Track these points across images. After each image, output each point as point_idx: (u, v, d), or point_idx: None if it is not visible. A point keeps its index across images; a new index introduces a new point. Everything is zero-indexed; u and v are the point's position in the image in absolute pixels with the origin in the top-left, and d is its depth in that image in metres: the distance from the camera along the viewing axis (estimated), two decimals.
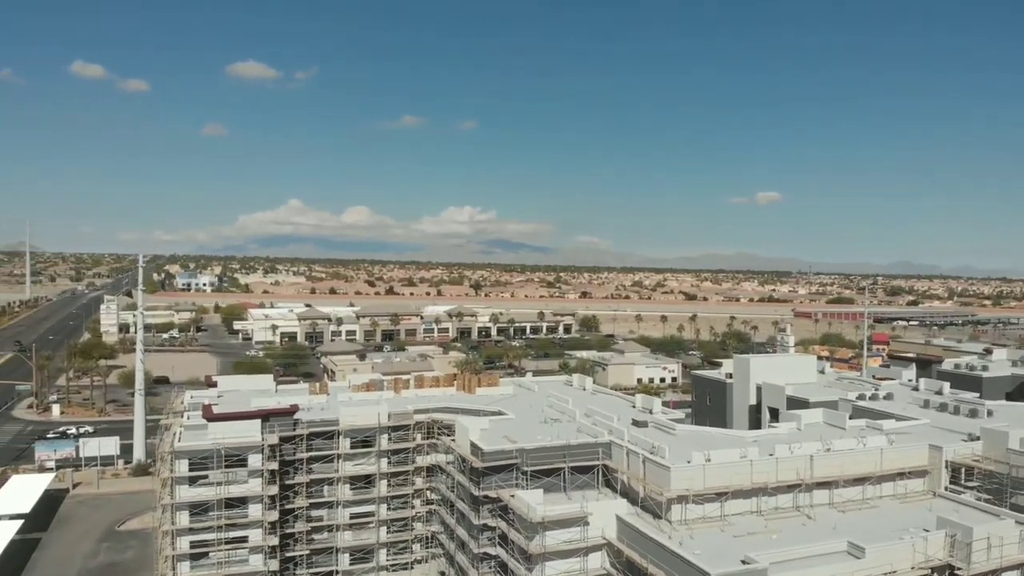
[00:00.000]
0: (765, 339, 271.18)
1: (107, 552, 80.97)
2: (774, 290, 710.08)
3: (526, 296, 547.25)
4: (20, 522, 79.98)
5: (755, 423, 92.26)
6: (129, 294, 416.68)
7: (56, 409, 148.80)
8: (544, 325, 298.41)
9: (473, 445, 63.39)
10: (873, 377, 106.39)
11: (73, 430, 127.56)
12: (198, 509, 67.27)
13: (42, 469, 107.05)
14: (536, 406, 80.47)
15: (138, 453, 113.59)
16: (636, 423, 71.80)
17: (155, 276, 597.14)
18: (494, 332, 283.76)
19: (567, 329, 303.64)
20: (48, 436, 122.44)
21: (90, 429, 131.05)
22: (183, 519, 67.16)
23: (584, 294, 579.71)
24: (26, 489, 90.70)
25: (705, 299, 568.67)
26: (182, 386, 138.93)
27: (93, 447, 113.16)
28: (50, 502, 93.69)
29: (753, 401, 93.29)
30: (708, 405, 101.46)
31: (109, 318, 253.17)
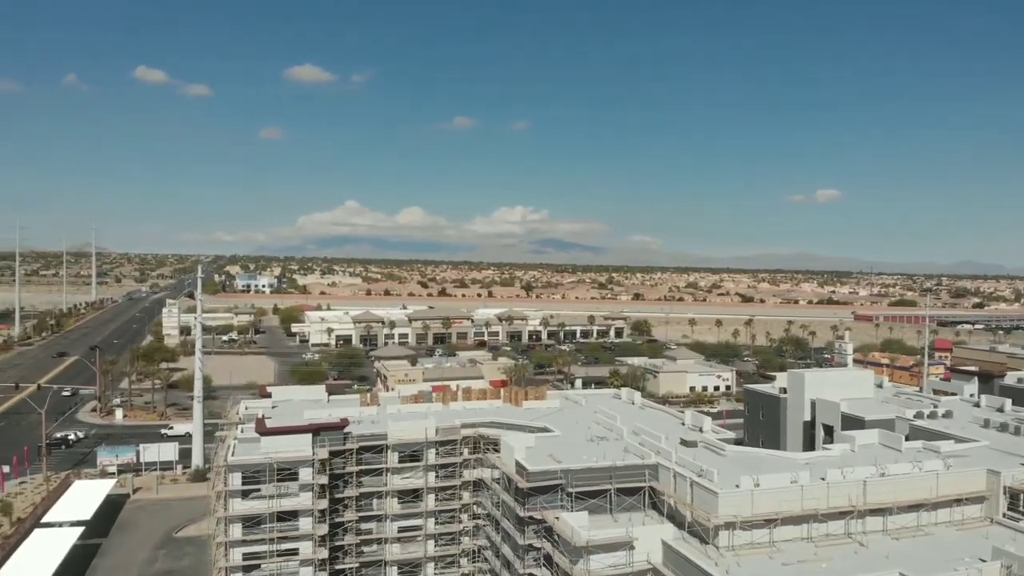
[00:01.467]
0: (824, 344, 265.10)
1: (164, 559, 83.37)
2: (833, 292, 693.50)
3: (577, 298, 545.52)
4: (81, 529, 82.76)
5: (809, 440, 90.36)
6: (191, 296, 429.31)
7: (119, 413, 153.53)
8: (595, 329, 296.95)
9: (518, 464, 63.36)
10: (933, 392, 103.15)
11: (169, 430, 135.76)
12: (251, 522, 68.74)
13: (104, 474, 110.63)
14: (583, 422, 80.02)
15: (196, 459, 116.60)
16: (685, 443, 70.92)
17: (216, 277, 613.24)
18: (544, 336, 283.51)
19: (618, 333, 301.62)
20: (126, 441, 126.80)
21: (172, 428, 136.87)
22: (236, 531, 68.69)
23: (636, 296, 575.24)
24: (88, 495, 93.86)
25: (762, 301, 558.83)
26: (237, 396, 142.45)
27: (153, 452, 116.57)
28: (111, 507, 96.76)
29: (807, 417, 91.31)
30: (761, 420, 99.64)
31: (171, 321, 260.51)
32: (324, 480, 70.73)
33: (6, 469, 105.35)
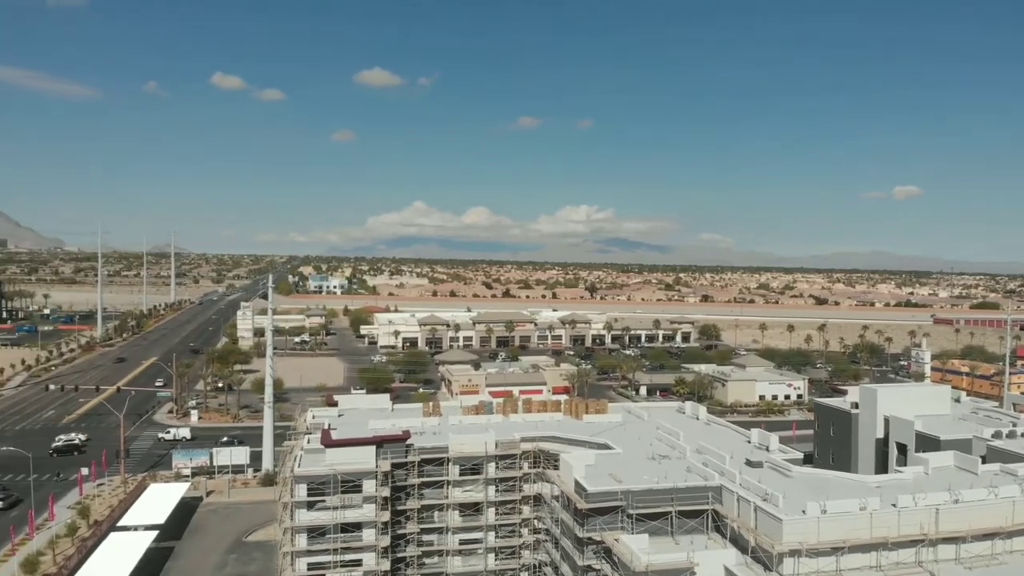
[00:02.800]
0: (900, 351, 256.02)
1: (234, 564, 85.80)
2: (911, 293, 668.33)
3: (643, 299, 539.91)
4: (155, 532, 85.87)
5: (882, 459, 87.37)
6: (265, 297, 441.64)
7: (194, 415, 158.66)
8: (660, 333, 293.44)
9: (577, 484, 63.02)
10: (1014, 407, 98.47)
11: (165, 434, 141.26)
12: (315, 532, 70.28)
13: (178, 477, 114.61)
14: (645, 438, 79.13)
15: (267, 463, 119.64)
16: (750, 463, 69.47)
17: (290, 278, 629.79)
18: (608, 339, 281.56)
19: (685, 337, 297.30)
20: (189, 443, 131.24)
21: (169, 432, 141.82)
22: (302, 541, 70.34)
23: (705, 298, 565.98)
24: (163, 498, 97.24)
25: (836, 303, 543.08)
26: (306, 399, 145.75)
27: (225, 456, 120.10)
28: (185, 510, 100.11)
29: (880, 435, 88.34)
30: (832, 436, 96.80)
31: (244, 323, 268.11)
32: (387, 492, 71.78)
33: (85, 472, 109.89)
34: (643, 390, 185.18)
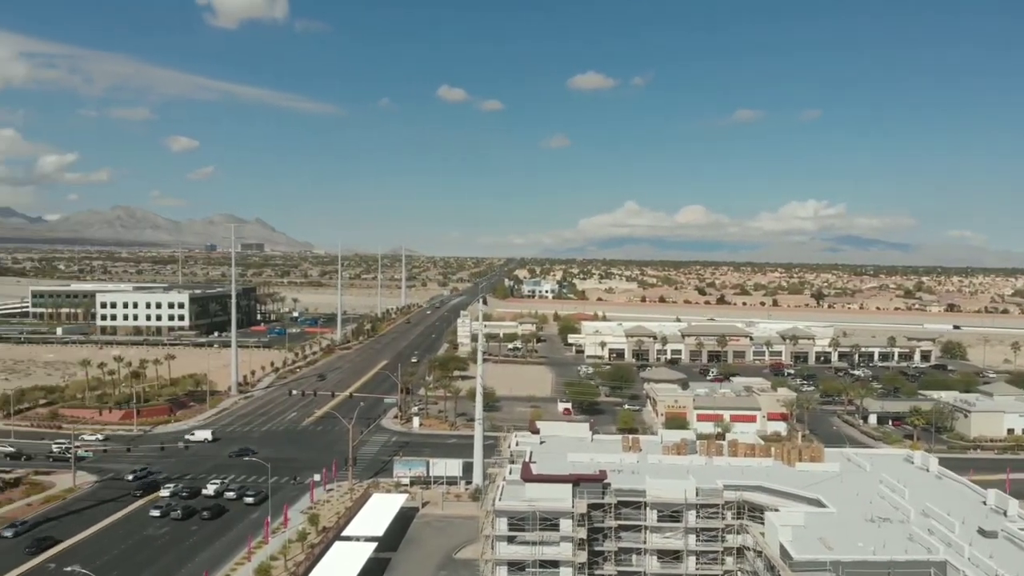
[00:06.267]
0: None
1: None
2: None
3: (877, 308, 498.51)
4: (375, 544, 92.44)
5: None
6: (484, 300, 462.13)
7: (416, 421, 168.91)
8: (895, 351, 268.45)
9: (782, 548, 59.44)
10: None
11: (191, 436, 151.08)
12: (516, 567, 72.15)
13: (398, 486, 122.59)
14: (864, 494, 72.85)
15: (476, 477, 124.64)
16: (983, 532, 61.75)
17: (506, 282, 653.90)
18: (834, 357, 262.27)
19: (924, 356, 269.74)
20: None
21: (193, 434, 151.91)
22: (502, 574, 72.54)
23: (950, 307, 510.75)
24: (383, 509, 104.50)
25: None
26: (510, 424, 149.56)
27: (440, 467, 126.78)
28: (402, 521, 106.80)
29: None
30: None
31: (463, 330, 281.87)
32: (583, 534, 72.04)
33: (317, 478, 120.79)
34: (872, 418, 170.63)
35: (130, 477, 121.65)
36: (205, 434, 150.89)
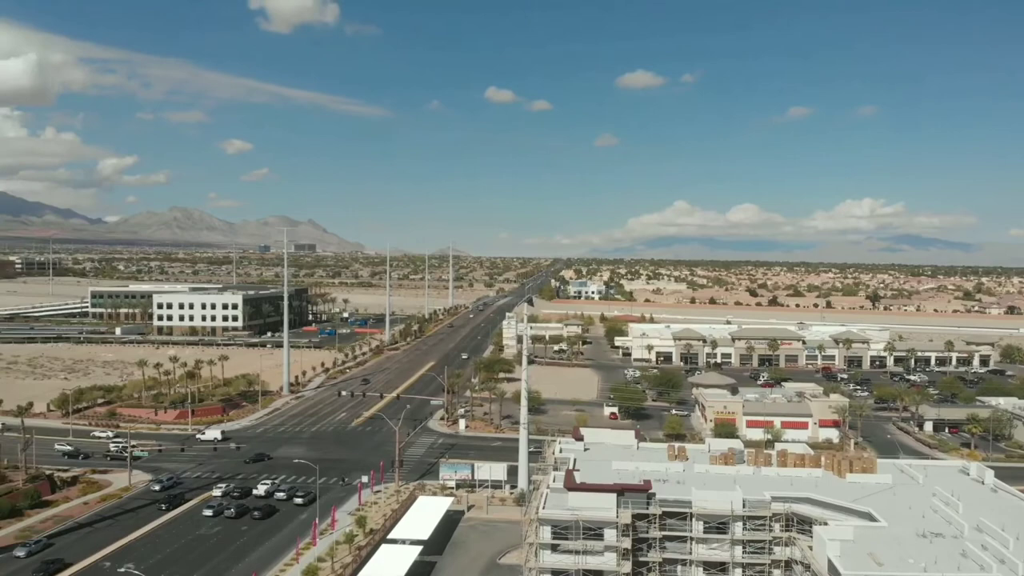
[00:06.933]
0: None
1: None
2: None
3: (935, 310, 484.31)
4: (420, 547, 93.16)
5: None
6: (530, 302, 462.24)
7: (462, 423, 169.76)
8: (953, 356, 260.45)
9: (831, 564, 58.26)
10: None
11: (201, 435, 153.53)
12: (559, 575, 72.01)
13: (444, 488, 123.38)
14: (916, 507, 70.96)
15: (521, 482, 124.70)
16: None
17: (552, 283, 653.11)
18: (890, 362, 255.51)
19: (984, 361, 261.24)
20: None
21: (203, 432, 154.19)
22: None
23: (1011, 309, 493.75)
24: (429, 512, 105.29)
25: None
26: (554, 429, 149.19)
27: (485, 471, 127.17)
28: (448, 524, 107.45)
29: None
30: None
31: (509, 331, 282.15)
32: (627, 544, 71.57)
33: (364, 479, 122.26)
34: (928, 426, 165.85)
35: (157, 487, 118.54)
36: (215, 433, 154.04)
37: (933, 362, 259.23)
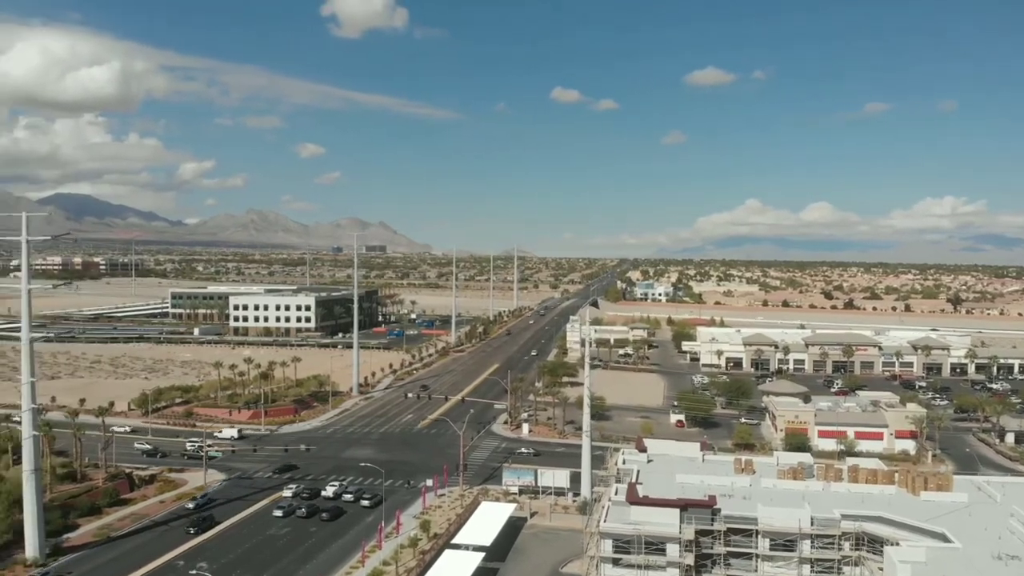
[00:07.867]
0: None
1: None
2: None
3: (1020, 314, 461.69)
4: (483, 554, 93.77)
5: None
6: (595, 304, 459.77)
7: (525, 428, 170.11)
8: None
9: None
10: None
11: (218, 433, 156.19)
12: None
13: (507, 494, 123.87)
14: (993, 528, 68.04)
15: (584, 490, 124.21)
16: None
17: (618, 284, 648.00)
18: (971, 369, 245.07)
19: None
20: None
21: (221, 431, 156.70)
22: None
23: None
24: (492, 518, 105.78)
25: None
26: (619, 436, 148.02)
27: (548, 478, 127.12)
28: (510, 530, 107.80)
29: None
30: None
31: (573, 335, 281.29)
32: (690, 560, 70.66)
33: (429, 483, 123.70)
34: (1009, 437, 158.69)
35: (191, 505, 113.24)
36: (232, 432, 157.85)
37: (1016, 370, 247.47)
